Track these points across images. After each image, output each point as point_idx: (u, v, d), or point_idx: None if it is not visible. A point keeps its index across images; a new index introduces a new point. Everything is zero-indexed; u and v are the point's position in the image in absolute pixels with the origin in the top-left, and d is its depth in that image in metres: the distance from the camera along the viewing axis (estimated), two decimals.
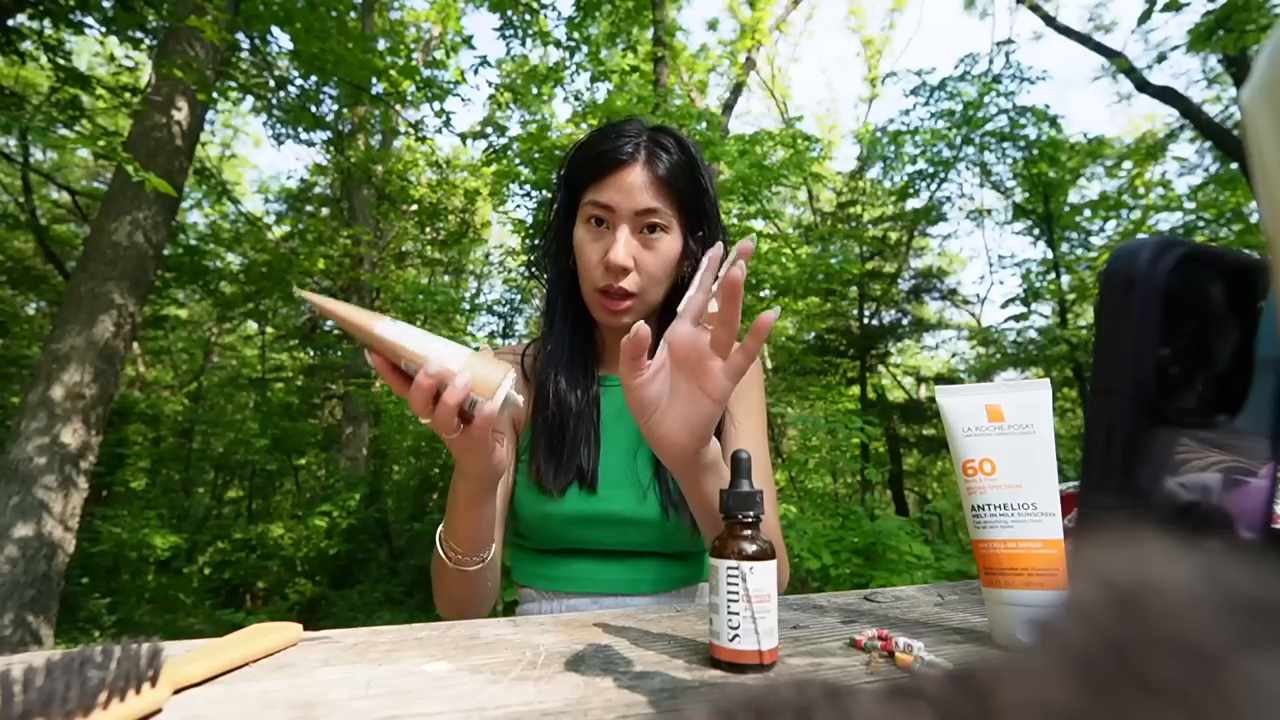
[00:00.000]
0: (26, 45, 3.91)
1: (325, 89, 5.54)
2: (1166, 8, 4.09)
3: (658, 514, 0.80)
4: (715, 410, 0.54)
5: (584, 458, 0.81)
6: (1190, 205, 6.47)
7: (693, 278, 0.84)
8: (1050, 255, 7.93)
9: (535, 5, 5.22)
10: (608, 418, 0.86)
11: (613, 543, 0.81)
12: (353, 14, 5.44)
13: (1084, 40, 7.20)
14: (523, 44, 5.52)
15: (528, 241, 6.00)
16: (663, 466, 0.83)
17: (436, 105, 4.76)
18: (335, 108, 6.28)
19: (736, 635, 0.43)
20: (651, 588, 0.82)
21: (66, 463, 2.83)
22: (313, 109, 5.73)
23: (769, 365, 9.26)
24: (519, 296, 7.29)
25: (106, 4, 3.81)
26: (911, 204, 8.51)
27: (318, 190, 8.88)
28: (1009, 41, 7.19)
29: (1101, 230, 7.65)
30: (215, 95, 3.69)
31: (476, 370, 0.54)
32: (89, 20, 3.90)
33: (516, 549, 0.88)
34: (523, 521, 0.84)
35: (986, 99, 7.14)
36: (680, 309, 0.54)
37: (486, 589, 0.73)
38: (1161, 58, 6.29)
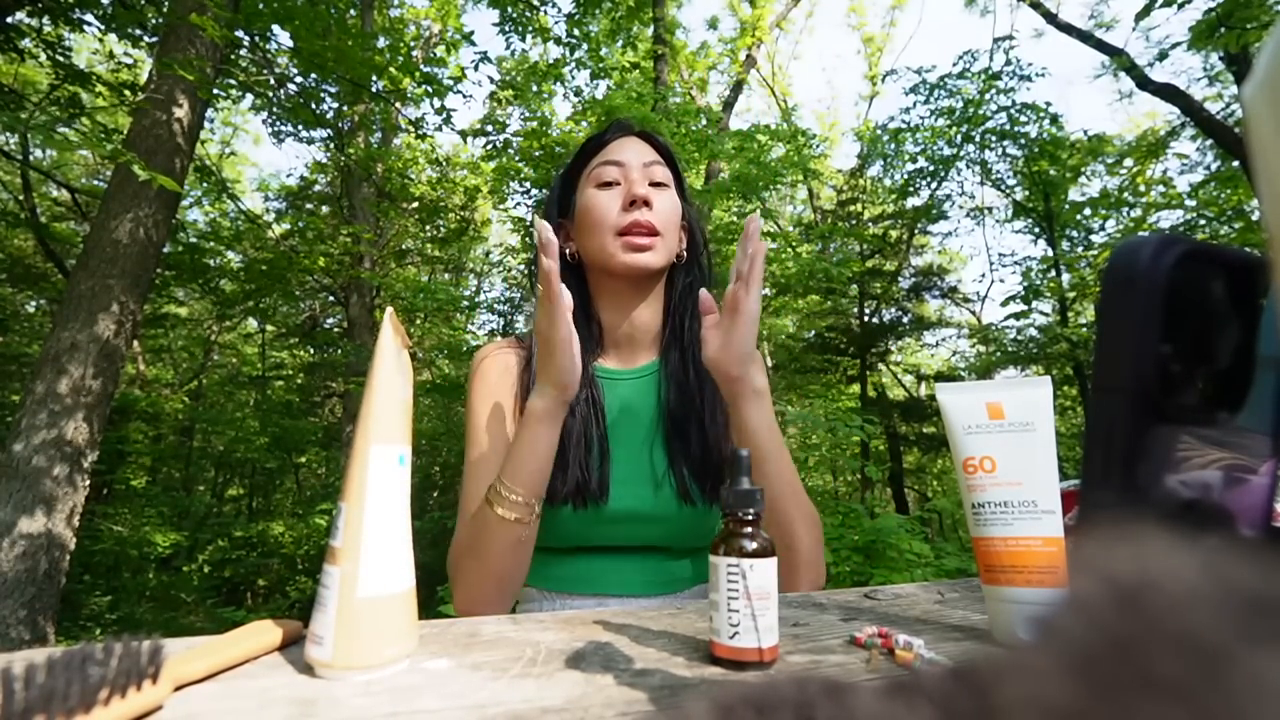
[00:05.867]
0: (26, 43, 3.90)
1: (325, 86, 5.53)
2: (1166, 4, 4.08)
3: (672, 507, 0.80)
4: (748, 325, 0.67)
5: (587, 468, 0.79)
6: (1191, 203, 6.46)
7: (688, 257, 0.90)
8: (1050, 253, 7.93)
9: (535, 1, 5.21)
10: (614, 414, 0.84)
11: (623, 539, 0.80)
12: (352, 11, 5.44)
13: (1085, 37, 7.18)
14: (522, 39, 5.51)
15: (528, 240, 6.00)
16: (677, 459, 0.82)
17: (437, 102, 4.76)
18: (335, 105, 6.27)
19: (736, 633, 0.43)
20: (657, 589, 0.81)
21: (67, 460, 2.83)
22: (313, 106, 5.72)
23: (769, 363, 9.26)
24: (519, 294, 7.29)
25: (106, 1, 3.80)
26: (912, 202, 8.51)
27: (318, 188, 8.88)
28: (1009, 38, 7.18)
29: (1102, 228, 7.65)
30: (216, 92, 3.68)
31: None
32: (88, 18, 3.89)
33: None
34: None
35: (986, 96, 7.13)
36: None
37: (528, 558, 0.72)
38: (1163, 55, 6.28)
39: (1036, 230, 8.35)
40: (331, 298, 8.16)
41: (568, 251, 0.87)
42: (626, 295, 0.85)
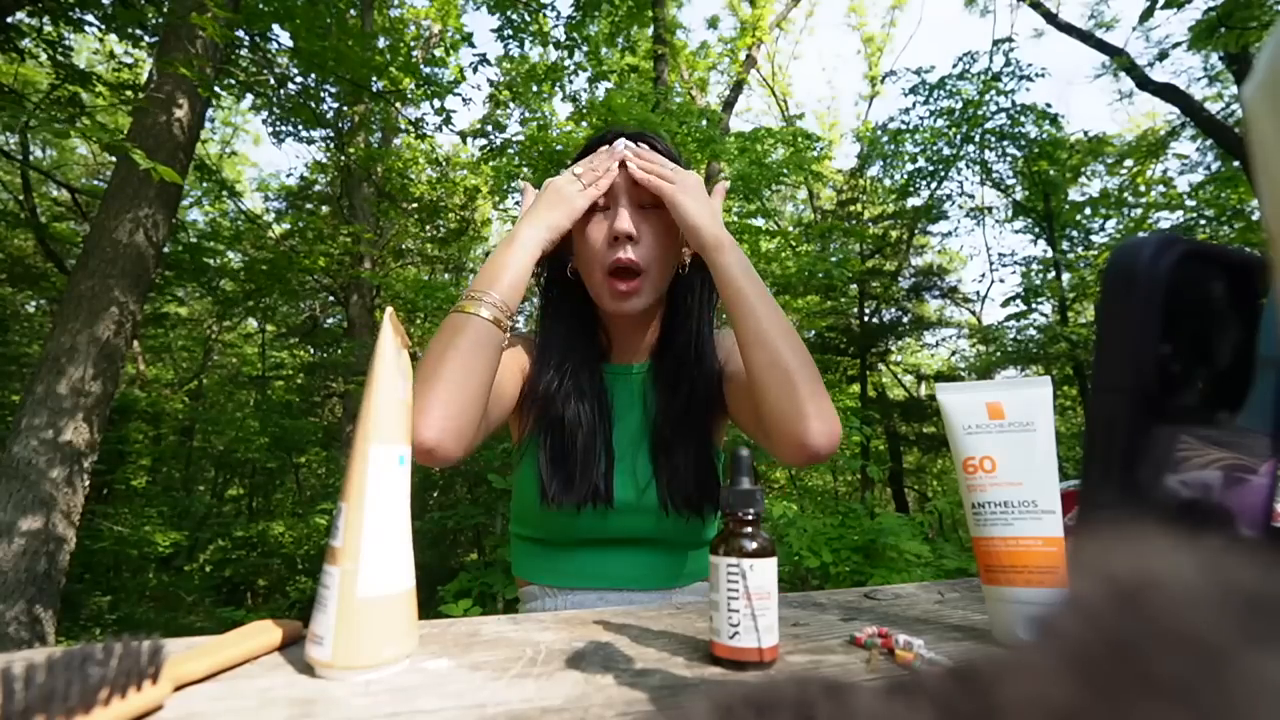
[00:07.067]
0: (26, 42, 3.90)
1: (325, 86, 5.53)
2: (1168, 4, 4.08)
3: (656, 504, 0.81)
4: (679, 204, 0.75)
5: (596, 475, 0.79)
6: (1191, 203, 6.46)
7: (690, 268, 0.87)
8: (1050, 253, 7.93)
9: (535, 4, 5.21)
10: (620, 409, 0.85)
11: (621, 531, 0.81)
12: (352, 11, 5.43)
13: (1085, 37, 7.18)
14: (521, 46, 5.51)
15: None
16: (660, 466, 0.82)
17: (437, 103, 4.76)
18: (335, 105, 6.27)
19: (736, 632, 0.43)
20: (657, 582, 0.82)
21: (68, 460, 2.83)
22: (313, 106, 5.72)
23: None
24: None
25: (106, 1, 3.80)
26: (912, 202, 8.51)
27: (318, 188, 8.87)
28: (1008, 40, 7.18)
29: (1102, 228, 7.65)
30: (217, 91, 3.67)
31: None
32: (88, 17, 3.89)
33: (517, 541, 0.87)
34: (526, 513, 0.83)
35: (986, 97, 7.13)
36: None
37: (493, 373, 0.69)
38: (1163, 55, 6.28)
39: (1036, 230, 8.34)
40: (331, 298, 8.15)
41: (569, 268, 0.87)
42: (623, 319, 0.86)
